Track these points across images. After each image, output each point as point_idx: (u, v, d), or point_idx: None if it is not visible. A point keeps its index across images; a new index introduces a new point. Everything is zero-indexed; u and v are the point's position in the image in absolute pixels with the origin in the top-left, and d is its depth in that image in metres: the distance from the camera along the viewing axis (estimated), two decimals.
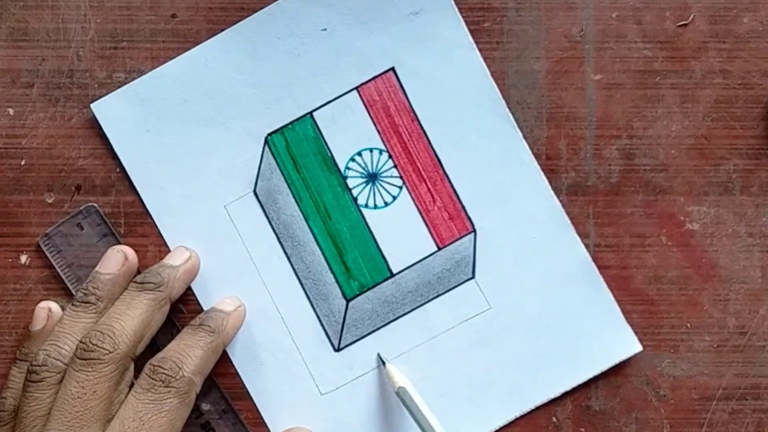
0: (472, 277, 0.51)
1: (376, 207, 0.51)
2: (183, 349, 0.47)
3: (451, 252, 0.51)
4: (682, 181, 0.51)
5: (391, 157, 0.51)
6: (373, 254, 0.51)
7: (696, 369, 0.51)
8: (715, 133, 0.51)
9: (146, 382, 0.46)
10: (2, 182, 0.51)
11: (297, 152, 0.51)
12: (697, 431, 0.51)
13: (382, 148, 0.51)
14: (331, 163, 0.51)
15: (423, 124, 0.51)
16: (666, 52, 0.51)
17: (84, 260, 0.51)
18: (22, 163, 0.51)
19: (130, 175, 0.51)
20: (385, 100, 0.51)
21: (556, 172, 0.51)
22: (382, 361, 0.51)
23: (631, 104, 0.51)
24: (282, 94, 0.51)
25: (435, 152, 0.51)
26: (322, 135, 0.51)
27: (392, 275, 0.51)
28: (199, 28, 0.51)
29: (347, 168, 0.51)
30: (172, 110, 0.51)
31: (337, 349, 0.51)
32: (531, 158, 0.51)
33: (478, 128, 0.51)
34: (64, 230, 0.51)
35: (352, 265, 0.51)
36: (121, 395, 0.47)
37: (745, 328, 0.51)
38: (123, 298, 0.48)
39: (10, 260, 0.51)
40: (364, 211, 0.51)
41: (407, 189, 0.51)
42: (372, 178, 0.51)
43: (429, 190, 0.51)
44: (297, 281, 0.51)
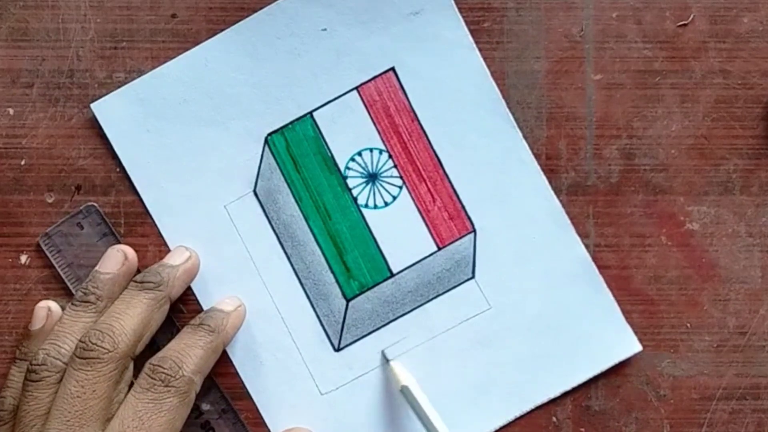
0: (472, 277, 0.51)
1: (376, 207, 0.51)
2: (183, 348, 0.47)
3: (451, 252, 0.51)
4: (682, 181, 0.51)
5: (391, 157, 0.51)
6: (373, 254, 0.51)
7: (696, 369, 0.51)
8: (715, 133, 0.51)
9: (146, 382, 0.46)
10: (2, 182, 0.51)
11: (297, 152, 0.51)
12: (697, 431, 0.51)
13: (382, 148, 0.51)
14: (331, 163, 0.51)
15: (423, 124, 0.51)
16: (666, 52, 0.51)
17: (84, 260, 0.51)
18: (22, 163, 0.51)
19: (130, 175, 0.51)
20: (385, 100, 0.51)
21: (556, 172, 0.51)
22: (386, 359, 0.51)
23: (631, 104, 0.51)
24: (282, 94, 0.51)
25: (435, 152, 0.51)
26: (322, 135, 0.51)
27: (392, 275, 0.51)
28: (199, 28, 0.51)
29: (347, 168, 0.51)
30: (172, 110, 0.51)
31: (337, 349, 0.51)
32: (531, 158, 0.51)
33: (478, 128, 0.51)
34: (64, 230, 0.51)
35: (352, 265, 0.51)
36: (120, 394, 0.47)
37: (745, 328, 0.51)
38: (123, 297, 0.48)
39: (10, 260, 0.51)
40: (364, 211, 0.51)
41: (407, 189, 0.51)
42: (372, 178, 0.51)
43: (429, 190, 0.51)
44: (297, 281, 0.51)
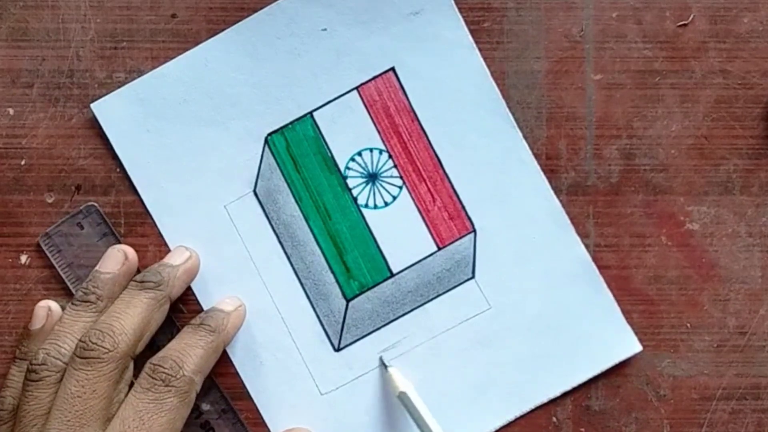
0: (472, 277, 0.51)
1: (376, 207, 0.51)
2: (183, 348, 0.47)
3: (451, 252, 0.51)
4: (682, 181, 0.51)
5: (391, 157, 0.51)
6: (373, 254, 0.51)
7: (696, 369, 0.51)
8: (715, 133, 0.51)
9: (146, 382, 0.46)
10: (2, 182, 0.51)
11: (297, 152, 0.51)
12: (697, 431, 0.51)
13: (382, 148, 0.51)
14: (331, 163, 0.51)
15: (423, 124, 0.51)
16: (666, 52, 0.51)
17: (84, 260, 0.51)
18: (22, 163, 0.51)
19: (130, 175, 0.51)
20: (385, 100, 0.51)
21: (556, 172, 0.51)
22: (384, 365, 0.51)
23: (631, 104, 0.51)
24: (282, 94, 0.51)
25: (435, 152, 0.51)
26: (322, 135, 0.51)
27: (392, 275, 0.51)
28: (199, 28, 0.51)
29: (347, 168, 0.51)
30: (172, 110, 0.51)
31: (337, 349, 0.51)
32: (531, 158, 0.51)
33: (478, 128, 0.51)
34: (65, 229, 0.51)
35: (352, 265, 0.51)
36: (120, 394, 0.47)
37: (745, 328, 0.51)
38: (123, 297, 0.48)
39: (10, 260, 0.51)
40: (364, 211, 0.51)
41: (407, 189, 0.51)
42: (372, 178, 0.51)
43: (429, 190, 0.51)
44: (297, 281, 0.51)
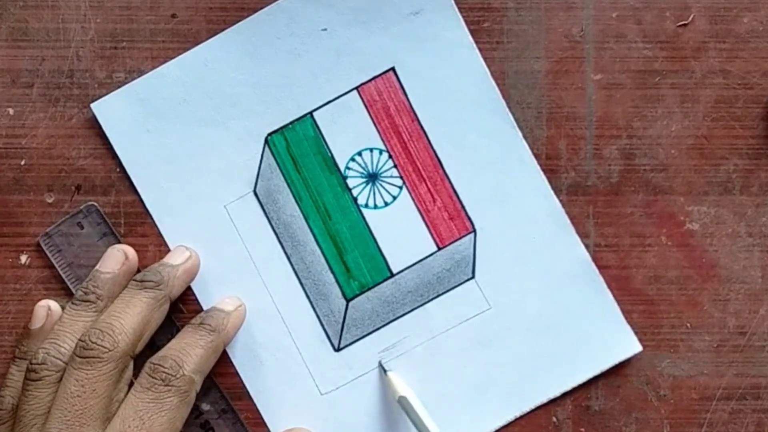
0: (472, 277, 0.51)
1: (376, 207, 0.51)
2: (183, 347, 0.47)
3: (451, 252, 0.51)
4: (682, 181, 0.51)
5: (391, 157, 0.51)
6: (373, 254, 0.51)
7: (696, 369, 0.51)
8: (715, 133, 0.51)
9: (146, 381, 0.46)
10: (2, 182, 0.51)
11: (297, 152, 0.51)
12: (697, 431, 0.51)
13: (382, 148, 0.51)
14: (331, 163, 0.51)
15: (423, 124, 0.51)
16: (666, 52, 0.51)
17: (84, 259, 0.51)
18: (22, 163, 0.51)
19: (130, 175, 0.51)
20: (385, 100, 0.51)
21: (556, 172, 0.51)
22: (383, 369, 0.51)
23: (631, 104, 0.51)
24: (282, 94, 0.51)
25: (435, 152, 0.51)
26: (322, 135, 0.51)
27: (392, 275, 0.51)
28: (199, 28, 0.51)
29: (347, 168, 0.51)
30: (172, 110, 0.51)
31: (337, 349, 0.51)
32: (531, 158, 0.51)
33: (478, 128, 0.51)
34: (65, 229, 0.51)
35: (352, 265, 0.51)
36: (120, 394, 0.47)
37: (745, 328, 0.51)
38: (122, 296, 0.48)
39: (10, 260, 0.51)
40: (364, 211, 0.51)
41: (407, 189, 0.51)
42: (372, 178, 0.51)
43: (429, 190, 0.51)
44: (297, 281, 0.51)
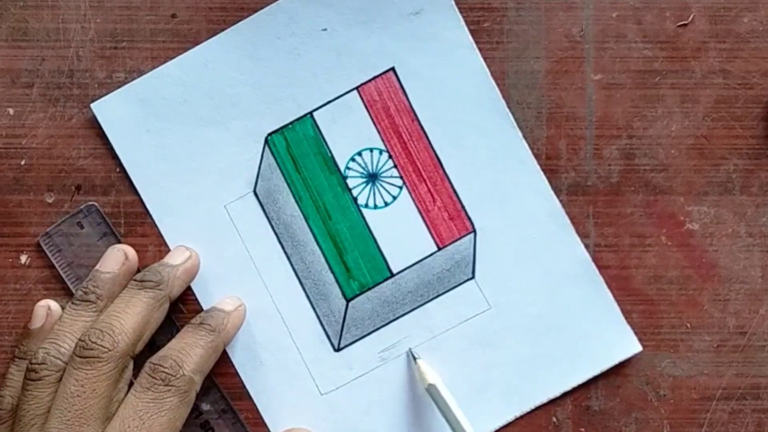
0: (472, 277, 0.51)
1: (376, 207, 0.51)
2: (183, 347, 0.47)
3: (451, 252, 0.51)
4: (682, 181, 0.51)
5: (391, 157, 0.51)
6: (373, 254, 0.51)
7: (696, 369, 0.51)
8: (715, 133, 0.51)
9: (146, 381, 0.46)
10: (2, 182, 0.51)
11: (297, 152, 0.51)
12: (697, 431, 0.51)
13: (382, 148, 0.51)
14: (331, 163, 0.51)
15: (423, 124, 0.51)
16: (666, 52, 0.51)
17: (84, 259, 0.51)
18: (22, 163, 0.51)
19: (130, 175, 0.51)
20: (385, 100, 0.51)
21: (556, 172, 0.51)
22: (413, 357, 0.51)
23: (631, 104, 0.51)
24: (282, 94, 0.51)
25: (435, 152, 0.51)
26: (322, 135, 0.51)
27: (392, 275, 0.51)
28: (199, 28, 0.51)
29: (347, 168, 0.51)
30: (172, 110, 0.51)
31: (337, 349, 0.51)
32: (531, 158, 0.51)
33: (478, 128, 0.51)
34: (65, 229, 0.51)
35: (352, 265, 0.51)
36: (120, 394, 0.47)
37: (745, 328, 0.51)
38: (122, 296, 0.48)
39: (10, 260, 0.51)
40: (364, 211, 0.51)
41: (407, 189, 0.51)
42: (372, 178, 0.51)
43: (429, 190, 0.51)
44: (297, 281, 0.51)
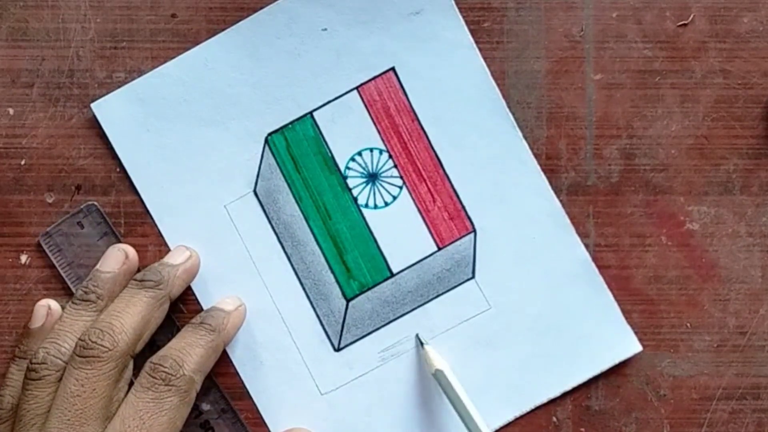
0: (472, 277, 0.51)
1: (376, 207, 0.51)
2: (183, 347, 0.47)
3: (451, 252, 0.51)
4: (682, 181, 0.51)
5: (391, 157, 0.51)
6: (373, 254, 0.51)
7: (696, 369, 0.51)
8: (715, 133, 0.51)
9: (147, 381, 0.46)
10: (2, 182, 0.51)
11: (297, 152, 0.51)
12: (697, 431, 0.51)
13: (382, 148, 0.51)
14: (331, 163, 0.51)
15: (423, 124, 0.51)
16: (666, 52, 0.51)
17: (84, 259, 0.51)
18: (22, 163, 0.51)
19: (130, 175, 0.51)
20: (385, 100, 0.51)
21: (556, 172, 0.51)
22: (420, 342, 0.50)
23: (631, 104, 0.51)
24: (282, 94, 0.51)
25: (435, 152, 0.51)
26: (322, 135, 0.51)
27: (392, 275, 0.51)
28: (199, 28, 0.51)
29: (347, 168, 0.51)
30: (172, 110, 0.51)
31: (337, 349, 0.51)
32: (531, 158, 0.51)
33: (478, 128, 0.51)
34: (65, 229, 0.51)
35: (352, 265, 0.51)
36: (120, 393, 0.47)
37: (745, 328, 0.51)
38: (122, 295, 0.48)
39: (10, 260, 0.51)
40: (364, 211, 0.51)
41: (407, 189, 0.51)
42: (372, 178, 0.51)
43: (429, 190, 0.51)
44: (297, 281, 0.51)
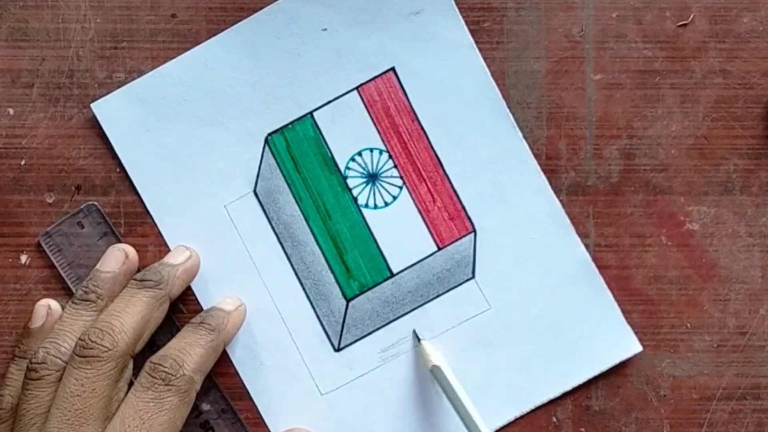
0: (472, 277, 0.51)
1: (376, 207, 0.51)
2: (183, 347, 0.47)
3: (451, 252, 0.51)
4: (682, 181, 0.51)
5: (391, 157, 0.51)
6: (373, 254, 0.51)
7: (696, 369, 0.51)
8: (715, 133, 0.51)
9: (146, 381, 0.46)
10: (2, 182, 0.51)
11: (297, 152, 0.51)
12: (697, 431, 0.51)
13: (382, 148, 0.51)
14: (331, 163, 0.51)
15: (423, 124, 0.51)
16: (666, 52, 0.51)
17: (84, 259, 0.51)
18: (22, 163, 0.51)
19: (130, 175, 0.51)
20: (385, 100, 0.51)
21: (556, 172, 0.51)
22: (417, 338, 0.51)
23: (631, 104, 0.51)
24: (282, 94, 0.51)
25: (435, 152, 0.51)
26: (322, 135, 0.51)
27: (392, 275, 0.51)
28: (199, 28, 0.51)
29: (347, 168, 0.51)
30: (172, 110, 0.51)
31: (337, 349, 0.51)
32: (531, 158, 0.51)
33: (478, 128, 0.51)
34: (65, 229, 0.51)
35: (352, 265, 0.51)
36: (120, 393, 0.47)
37: (745, 328, 0.51)
38: (122, 295, 0.48)
39: (10, 260, 0.51)
40: (364, 211, 0.51)
41: (407, 189, 0.51)
42: (372, 178, 0.51)
43: (429, 190, 0.51)
44: (297, 281, 0.51)
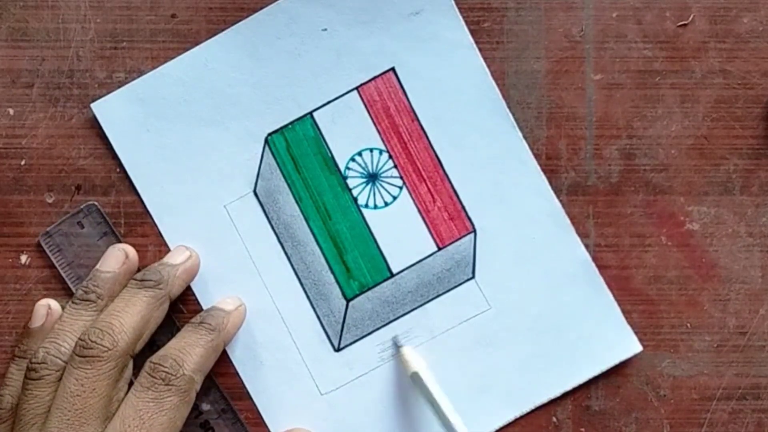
0: (472, 277, 0.51)
1: (376, 207, 0.51)
2: (183, 347, 0.47)
3: (451, 252, 0.51)
4: (682, 181, 0.51)
5: (391, 157, 0.51)
6: (373, 254, 0.51)
7: (696, 369, 0.51)
8: (715, 133, 0.51)
9: (146, 380, 0.46)
10: (2, 182, 0.51)
11: (297, 152, 0.51)
12: (697, 431, 0.51)
13: (382, 148, 0.51)
14: (331, 163, 0.51)
15: (423, 124, 0.51)
16: (666, 52, 0.51)
17: (84, 259, 0.51)
18: (22, 163, 0.51)
19: (130, 175, 0.51)
20: (385, 100, 0.51)
21: (556, 172, 0.51)
22: (396, 345, 0.51)
23: (631, 104, 0.51)
24: (282, 94, 0.51)
25: (435, 152, 0.51)
26: (322, 135, 0.51)
27: (392, 275, 0.51)
28: (199, 28, 0.51)
29: (347, 168, 0.51)
30: (172, 110, 0.51)
31: (337, 349, 0.51)
32: (531, 158, 0.51)
33: (478, 128, 0.51)
34: (65, 228, 0.51)
35: (352, 265, 0.51)
36: (120, 393, 0.47)
37: (745, 328, 0.51)
38: (122, 295, 0.48)
39: (10, 260, 0.51)
40: (364, 211, 0.51)
41: (407, 189, 0.51)
42: (372, 178, 0.51)
43: (429, 190, 0.51)
44: (297, 281, 0.51)
